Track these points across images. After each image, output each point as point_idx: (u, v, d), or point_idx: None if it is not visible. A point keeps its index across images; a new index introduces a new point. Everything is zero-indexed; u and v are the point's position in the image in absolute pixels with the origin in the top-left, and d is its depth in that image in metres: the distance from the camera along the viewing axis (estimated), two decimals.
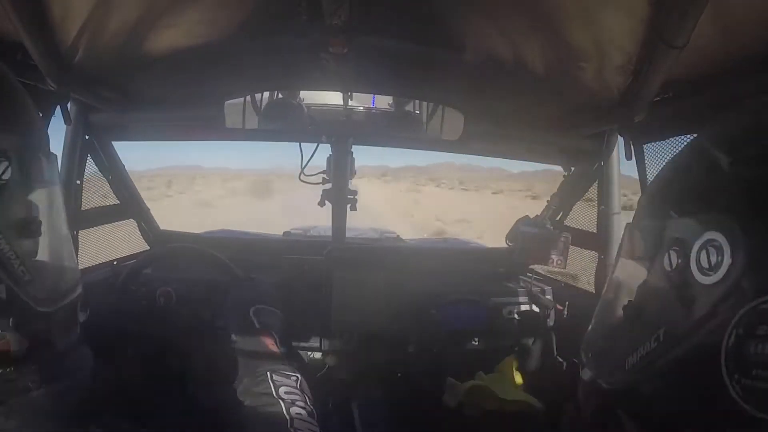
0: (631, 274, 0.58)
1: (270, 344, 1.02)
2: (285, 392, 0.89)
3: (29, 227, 0.64)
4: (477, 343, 1.57)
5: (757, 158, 0.45)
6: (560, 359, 1.54)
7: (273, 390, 0.89)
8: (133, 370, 1.23)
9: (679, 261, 0.48)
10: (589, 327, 0.69)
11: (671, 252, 0.49)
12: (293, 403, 0.87)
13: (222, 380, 1.03)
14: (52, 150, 0.75)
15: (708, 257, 0.45)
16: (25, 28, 0.87)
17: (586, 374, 0.63)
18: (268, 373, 0.92)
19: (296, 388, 0.91)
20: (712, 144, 0.51)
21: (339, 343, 1.53)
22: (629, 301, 0.56)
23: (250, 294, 1.15)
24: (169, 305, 1.41)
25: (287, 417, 0.84)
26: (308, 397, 0.91)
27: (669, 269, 0.49)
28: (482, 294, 1.60)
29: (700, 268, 0.46)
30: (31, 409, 0.62)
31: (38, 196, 0.67)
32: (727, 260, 0.43)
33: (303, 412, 0.86)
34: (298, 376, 0.94)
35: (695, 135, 0.60)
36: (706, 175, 0.49)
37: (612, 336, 0.59)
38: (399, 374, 1.60)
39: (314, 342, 1.54)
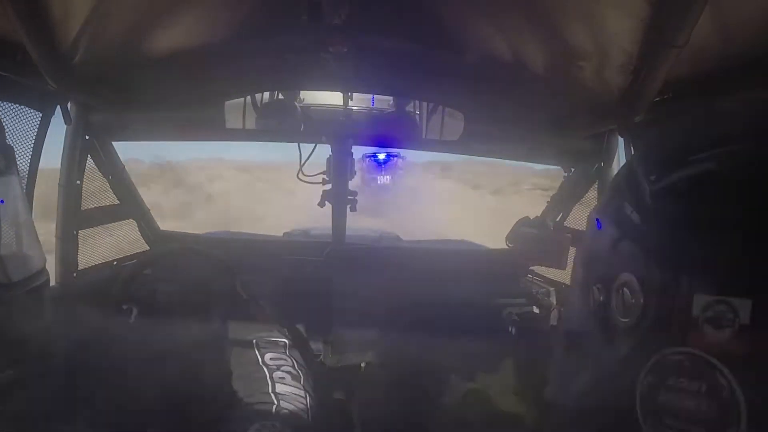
0: (574, 299, 0.56)
1: (259, 313, 1.02)
2: (270, 358, 0.90)
3: None
4: (477, 345, 1.56)
5: (678, 189, 0.42)
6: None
7: (258, 357, 0.89)
8: (131, 371, 1.23)
9: (601, 298, 0.47)
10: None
11: (595, 288, 0.48)
12: (278, 368, 0.88)
13: (221, 383, 1.03)
14: (42, 146, 0.77)
15: (623, 298, 0.44)
16: (25, 28, 0.87)
17: (549, 391, 0.62)
18: (255, 340, 0.93)
19: (284, 353, 0.92)
20: (639, 165, 0.48)
21: (339, 343, 1.53)
22: (569, 327, 0.56)
23: (233, 270, 1.15)
24: (169, 305, 1.41)
25: (269, 382, 0.85)
26: (296, 361, 0.91)
27: (593, 304, 0.48)
28: (482, 294, 1.60)
29: (618, 309, 0.44)
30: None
31: None
32: (639, 304, 0.42)
33: (287, 376, 0.87)
34: (286, 341, 0.94)
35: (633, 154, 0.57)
36: (632, 204, 0.46)
37: (562, 357, 0.59)
38: (399, 375, 1.60)
39: (314, 342, 1.54)
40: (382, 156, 10.21)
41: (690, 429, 0.37)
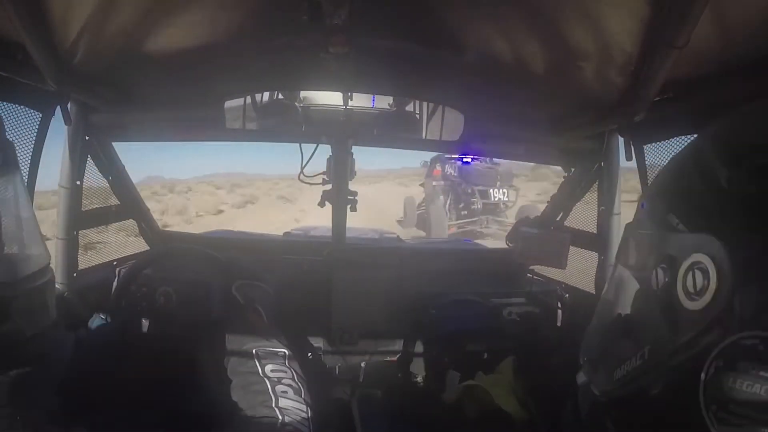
0: (624, 283, 0.56)
1: (256, 320, 1.01)
2: (271, 370, 0.88)
3: None
4: (477, 344, 1.56)
5: (758, 173, 0.41)
6: (560, 360, 1.54)
7: (259, 368, 0.88)
8: (131, 371, 1.23)
9: (666, 280, 0.46)
10: (588, 329, 0.67)
11: (659, 269, 0.47)
12: (279, 381, 0.86)
13: (219, 384, 1.03)
14: (43, 147, 0.76)
15: (694, 280, 0.42)
16: (25, 28, 0.87)
17: (581, 378, 0.62)
18: (255, 350, 0.91)
19: (284, 364, 0.91)
20: (712, 151, 0.47)
21: (339, 343, 1.53)
22: (620, 312, 0.55)
23: (230, 272, 1.13)
24: (169, 305, 1.41)
25: (272, 395, 0.84)
26: (296, 373, 0.90)
27: (656, 288, 0.47)
28: (482, 294, 1.60)
29: (686, 292, 0.43)
30: None
31: None
32: (712, 287, 0.40)
33: (289, 390, 0.85)
34: (286, 351, 0.93)
35: (696, 136, 0.56)
36: (703, 187, 0.46)
37: (604, 344, 0.58)
38: (399, 374, 1.60)
39: (314, 342, 1.54)
40: (480, 164, 7.92)
41: (760, 418, 0.36)
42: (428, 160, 9.16)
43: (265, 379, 0.86)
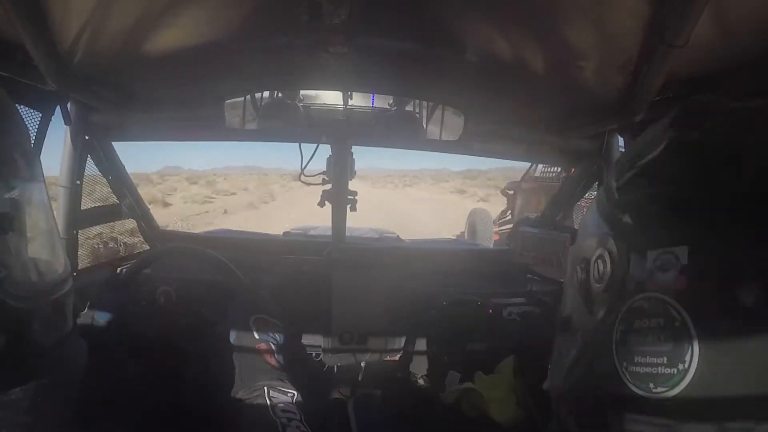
0: (565, 292, 0.68)
1: (268, 356, 1.01)
2: (282, 410, 0.88)
3: None
4: (477, 344, 1.56)
5: (631, 184, 0.56)
6: None
7: (269, 407, 0.88)
8: (131, 371, 1.23)
9: (583, 275, 0.58)
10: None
11: (578, 267, 0.59)
12: (289, 421, 0.86)
13: (219, 385, 1.03)
14: (49, 149, 0.75)
15: (598, 269, 0.55)
16: (25, 28, 0.87)
17: (546, 384, 0.70)
18: (266, 388, 0.91)
19: (293, 404, 0.91)
20: (610, 171, 0.63)
21: (339, 343, 1.53)
22: (562, 315, 0.66)
23: (251, 302, 1.14)
24: (169, 305, 1.41)
25: None
26: (304, 415, 0.90)
27: (577, 282, 0.60)
28: (482, 294, 1.60)
29: (595, 278, 0.56)
30: (11, 407, 0.62)
31: (10, 193, 0.66)
32: (608, 270, 0.53)
33: (298, 431, 0.85)
34: (295, 393, 0.93)
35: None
36: (603, 199, 0.61)
37: (557, 346, 0.67)
38: (399, 374, 1.60)
39: (314, 342, 1.54)
40: None
41: (656, 361, 0.45)
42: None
43: (276, 418, 0.86)
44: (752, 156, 0.46)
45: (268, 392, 0.90)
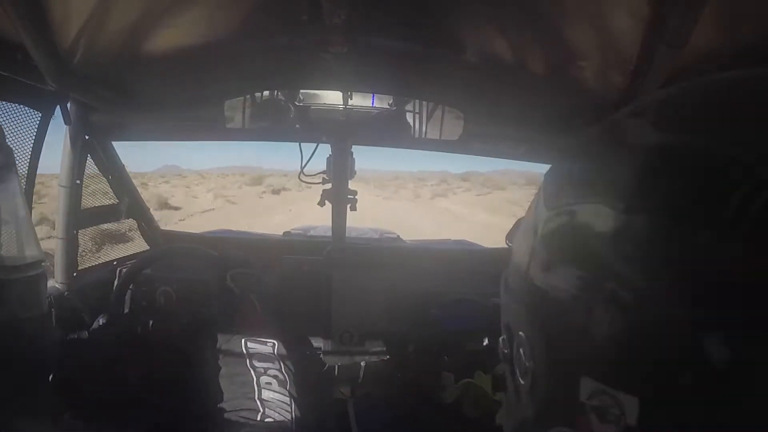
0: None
1: (250, 310, 1.01)
2: (258, 360, 0.88)
3: None
4: (477, 344, 1.56)
5: (560, 231, 0.39)
6: None
7: (247, 360, 0.88)
8: (131, 371, 1.23)
9: (506, 351, 0.44)
10: None
11: (501, 339, 0.46)
12: (265, 371, 0.86)
13: (219, 385, 1.03)
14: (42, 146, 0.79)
15: (520, 357, 0.39)
16: (25, 28, 0.87)
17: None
18: (243, 340, 0.92)
19: (272, 354, 0.90)
20: (542, 199, 0.47)
21: (339, 343, 1.53)
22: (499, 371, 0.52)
23: (226, 260, 1.13)
24: (169, 305, 1.41)
25: (255, 387, 0.84)
26: (284, 364, 0.90)
27: (502, 356, 0.45)
28: (482, 294, 1.60)
29: (518, 366, 0.40)
30: None
31: None
32: (529, 370, 0.38)
33: (273, 381, 0.85)
34: (275, 342, 0.93)
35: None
36: (528, 244, 0.45)
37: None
38: (398, 374, 1.60)
39: (314, 342, 1.54)
40: None
41: None
42: None
43: (251, 369, 0.87)
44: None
45: (246, 344, 0.91)
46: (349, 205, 1.64)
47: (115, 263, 1.64)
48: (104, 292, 1.46)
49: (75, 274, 1.46)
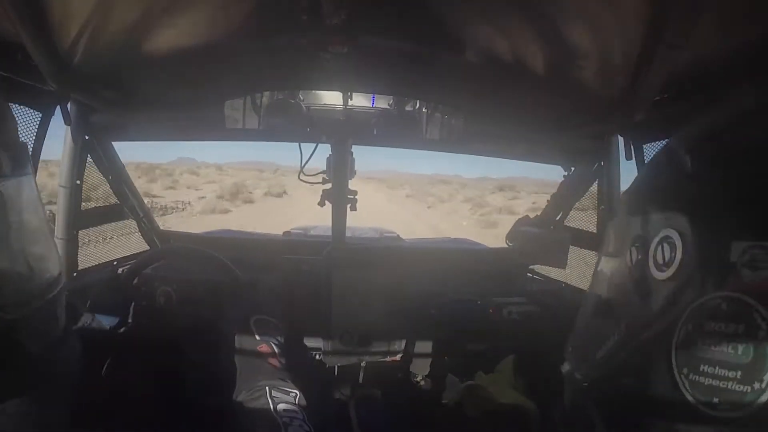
0: (604, 270, 0.59)
1: (270, 357, 1.01)
2: (283, 409, 0.87)
3: None
4: (477, 344, 1.56)
5: (714, 159, 0.46)
6: (560, 359, 1.54)
7: (271, 406, 0.87)
8: (131, 371, 1.23)
9: (639, 257, 0.49)
10: (576, 322, 0.69)
11: (633, 248, 0.50)
12: (291, 421, 0.85)
13: (220, 385, 1.03)
14: (49, 149, 0.71)
15: (663, 253, 0.46)
16: (25, 28, 0.87)
17: (565, 367, 0.64)
18: (267, 388, 0.91)
19: (295, 404, 0.90)
20: (679, 145, 0.52)
21: (339, 344, 1.53)
22: (600, 296, 0.57)
23: (251, 303, 1.14)
24: (169, 305, 1.41)
25: None
26: (306, 414, 0.89)
27: (630, 264, 0.50)
28: (482, 294, 1.60)
29: (656, 264, 0.46)
30: (7, 413, 0.59)
31: None
32: (678, 257, 0.44)
33: (301, 430, 0.85)
34: (297, 392, 0.92)
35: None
36: (672, 175, 0.50)
37: (586, 330, 0.60)
38: (399, 374, 1.60)
39: (314, 342, 1.54)
40: None
41: (727, 374, 0.37)
42: None
43: (278, 417, 0.85)
44: None
45: (270, 392, 0.90)
46: (349, 205, 1.64)
47: (115, 263, 1.64)
48: (104, 292, 1.46)
49: (75, 275, 1.46)
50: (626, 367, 0.48)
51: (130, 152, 1.63)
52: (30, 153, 1.21)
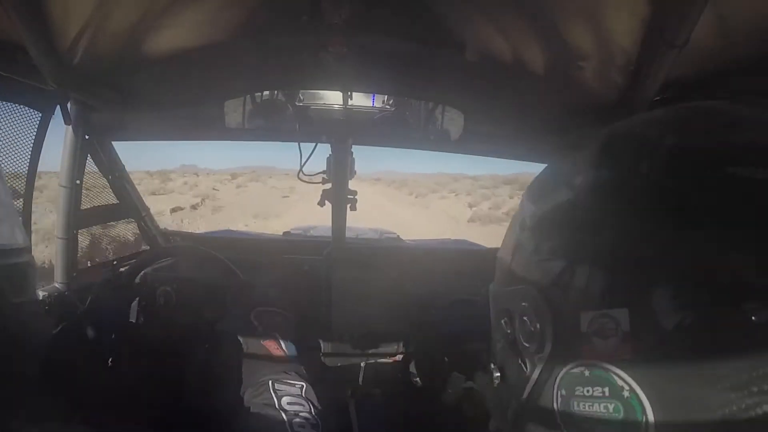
0: (493, 335, 0.61)
1: (274, 349, 1.00)
2: (288, 402, 0.85)
3: None
4: (477, 344, 1.56)
5: (550, 216, 0.47)
6: None
7: (275, 401, 0.85)
8: (131, 371, 1.23)
9: (508, 331, 0.52)
10: None
11: (503, 321, 0.53)
12: (296, 414, 0.83)
13: (222, 384, 1.02)
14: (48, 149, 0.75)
15: (525, 326, 0.48)
16: (25, 28, 0.87)
17: (491, 425, 0.64)
18: (270, 382, 0.89)
19: (301, 396, 0.88)
20: (527, 196, 0.54)
21: (339, 344, 1.53)
22: (497, 359, 0.59)
23: (250, 297, 1.13)
24: (169, 305, 1.41)
25: (289, 430, 0.81)
26: (313, 406, 0.88)
27: (503, 336, 0.53)
28: (482, 294, 1.60)
29: (523, 336, 0.49)
30: None
31: None
32: (537, 330, 0.46)
33: (306, 423, 0.83)
34: (303, 384, 0.91)
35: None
36: (520, 236, 0.52)
37: (494, 390, 0.60)
38: (399, 374, 1.60)
39: (314, 342, 1.54)
40: None
41: (607, 429, 0.41)
42: None
43: (281, 412, 0.83)
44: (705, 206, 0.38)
45: (273, 386, 0.88)
46: (349, 205, 1.64)
47: (115, 263, 1.64)
48: (105, 291, 1.46)
49: (75, 275, 1.46)
50: (532, 425, 0.51)
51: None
52: (31, 153, 1.22)
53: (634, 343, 0.39)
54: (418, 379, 1.59)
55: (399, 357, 1.59)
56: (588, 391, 0.42)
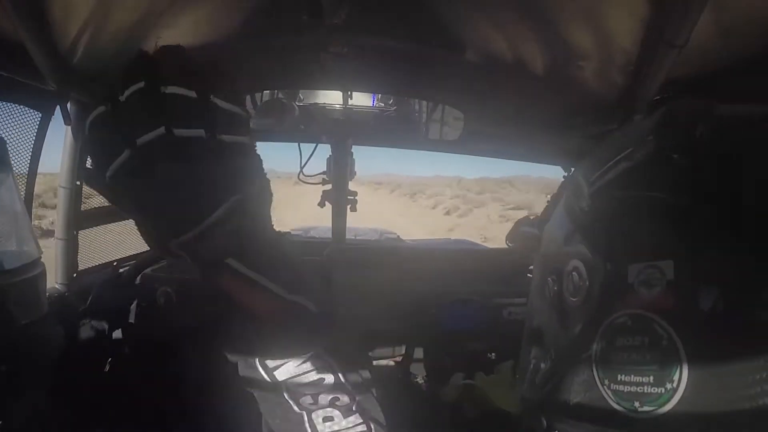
0: (533, 303, 0.65)
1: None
2: (310, 403, 0.75)
3: None
4: (477, 344, 1.56)
5: (608, 184, 0.51)
6: None
7: (291, 404, 0.72)
8: (132, 372, 1.23)
9: (555, 288, 0.55)
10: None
11: (549, 279, 0.56)
12: (317, 405, 0.72)
13: (220, 385, 1.02)
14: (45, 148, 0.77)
15: (572, 281, 0.52)
16: (25, 28, 0.87)
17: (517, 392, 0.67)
18: (283, 383, 0.80)
19: (321, 384, 0.78)
20: (580, 172, 0.57)
21: (338, 343, 1.53)
22: (532, 326, 0.63)
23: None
24: (169, 305, 1.41)
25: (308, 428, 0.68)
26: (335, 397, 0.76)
27: (550, 295, 0.56)
28: (482, 294, 1.60)
29: (569, 291, 0.52)
30: None
31: None
32: (585, 284, 0.50)
33: (335, 410, 0.66)
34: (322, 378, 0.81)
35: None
36: (575, 204, 0.56)
37: (526, 359, 0.64)
38: (399, 375, 1.60)
39: None
40: None
41: (642, 380, 0.43)
42: None
43: (303, 413, 0.75)
44: (749, 164, 0.43)
45: (287, 388, 0.79)
46: (349, 206, 1.64)
47: (115, 264, 1.64)
48: (105, 292, 1.46)
49: (75, 275, 1.45)
50: (561, 386, 0.53)
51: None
52: (31, 153, 1.22)
53: (677, 293, 0.41)
54: (418, 379, 1.59)
55: (399, 357, 1.59)
56: (628, 341, 0.44)
